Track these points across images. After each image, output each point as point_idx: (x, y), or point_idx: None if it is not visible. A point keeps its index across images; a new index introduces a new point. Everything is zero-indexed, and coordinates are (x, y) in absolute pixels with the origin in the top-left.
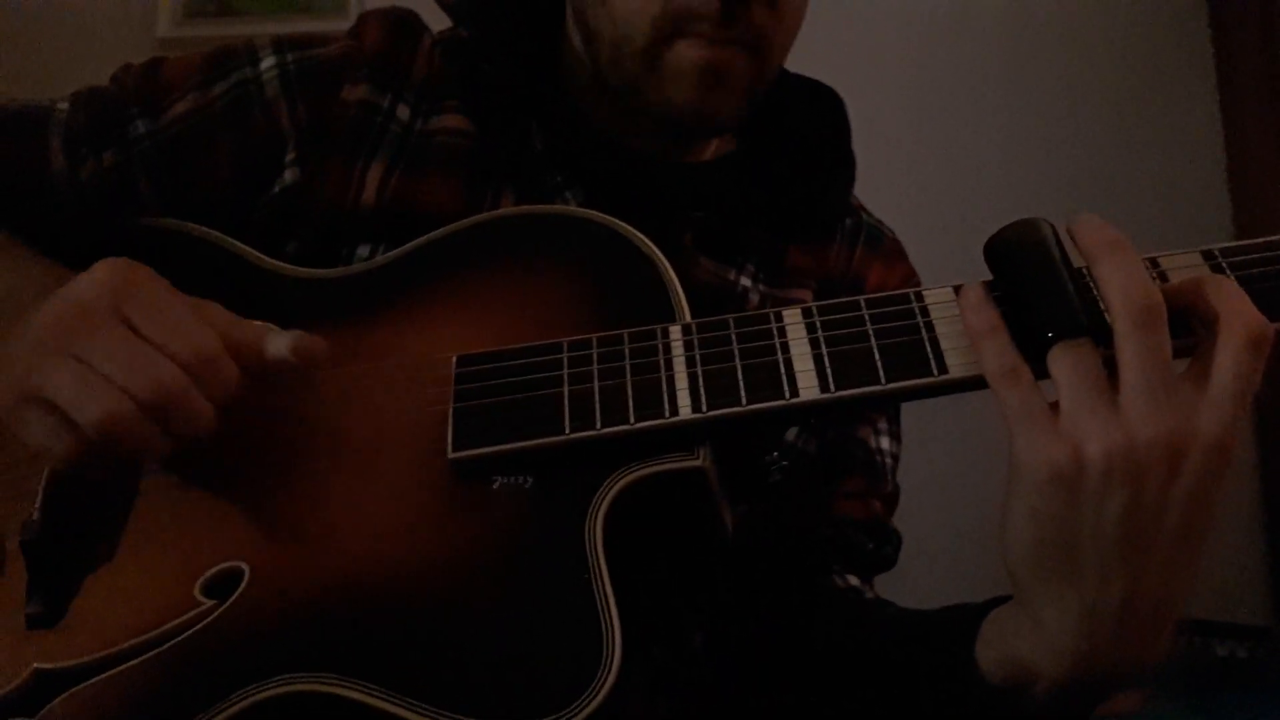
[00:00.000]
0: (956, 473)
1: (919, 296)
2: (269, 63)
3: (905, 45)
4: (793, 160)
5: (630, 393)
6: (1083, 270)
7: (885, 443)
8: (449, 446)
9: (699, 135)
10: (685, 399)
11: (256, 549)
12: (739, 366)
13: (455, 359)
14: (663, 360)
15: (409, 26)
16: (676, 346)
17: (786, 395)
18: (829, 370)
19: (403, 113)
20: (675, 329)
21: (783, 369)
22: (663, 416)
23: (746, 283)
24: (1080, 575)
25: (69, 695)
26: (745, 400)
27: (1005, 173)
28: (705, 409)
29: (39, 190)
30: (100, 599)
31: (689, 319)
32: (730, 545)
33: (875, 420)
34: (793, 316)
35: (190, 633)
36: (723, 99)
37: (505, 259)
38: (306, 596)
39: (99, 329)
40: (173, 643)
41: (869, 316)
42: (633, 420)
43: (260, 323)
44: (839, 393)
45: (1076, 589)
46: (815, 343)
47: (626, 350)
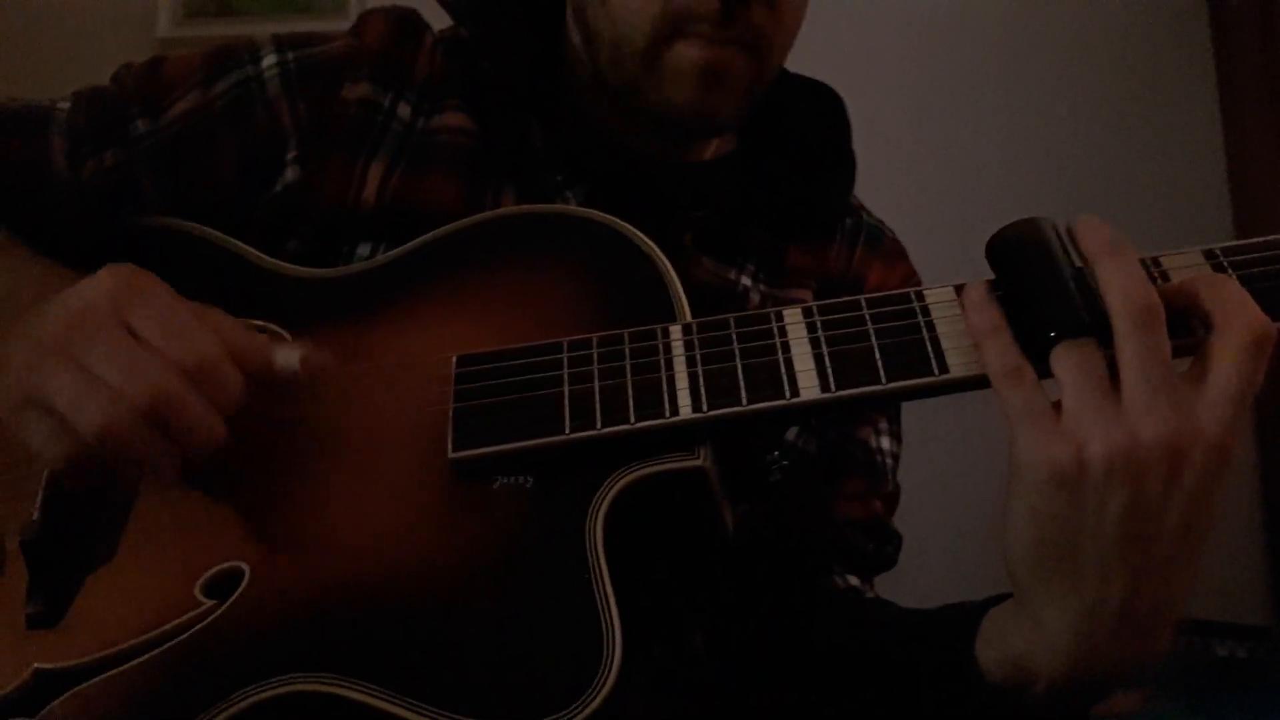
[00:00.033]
0: (957, 473)
1: (919, 296)
2: (270, 61)
3: (905, 45)
4: (793, 160)
5: (630, 392)
6: (1084, 270)
7: (886, 443)
8: (449, 446)
9: (698, 135)
10: (686, 399)
11: (256, 549)
12: (739, 366)
13: (455, 359)
14: (663, 360)
15: (411, 25)
16: (677, 346)
17: (787, 395)
18: (829, 370)
19: (404, 111)
20: (675, 328)
21: (783, 369)
22: (663, 416)
23: (747, 282)
24: (1080, 575)
25: (70, 695)
26: (746, 400)
27: (1005, 173)
28: (706, 409)
29: (40, 190)
30: (101, 599)
31: (689, 318)
32: (731, 545)
33: (876, 420)
34: (793, 316)
35: (191, 633)
36: (722, 99)
37: (505, 258)
38: (307, 596)
39: (100, 333)
40: (173, 642)
41: (869, 316)
42: (633, 420)
43: (263, 335)
44: (839, 392)
45: (1076, 588)
46: (816, 342)
47: (627, 350)
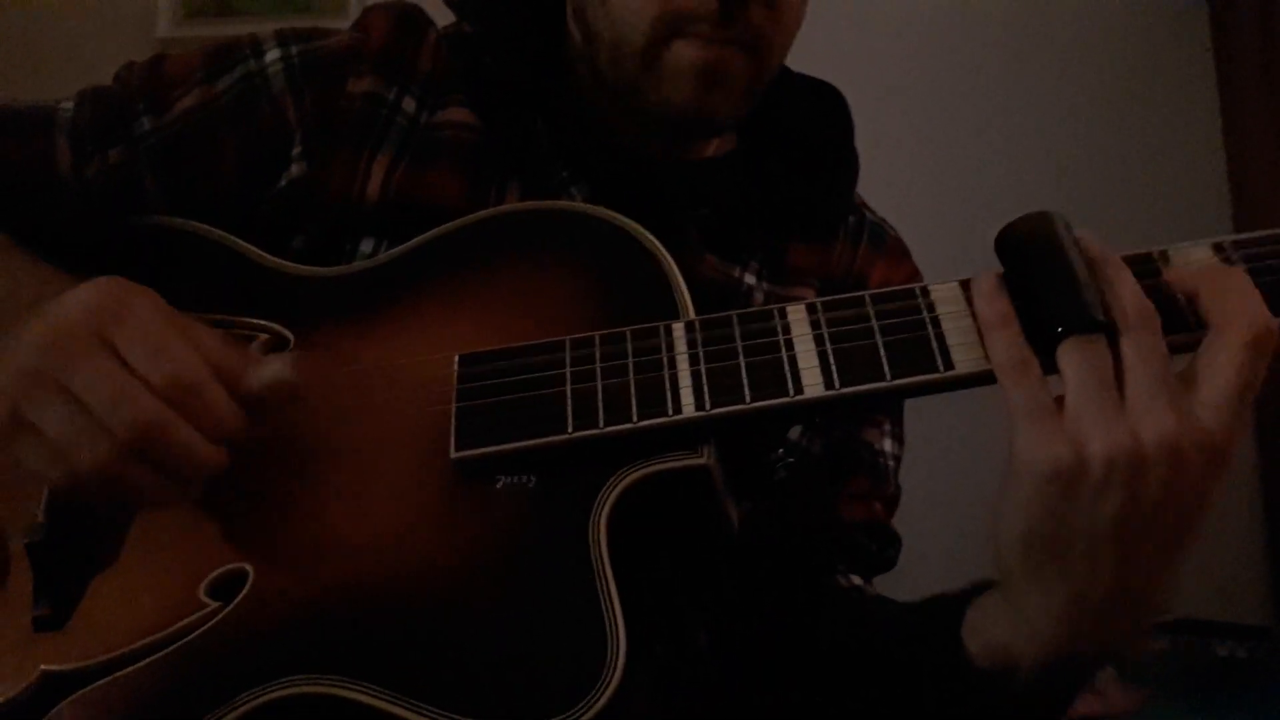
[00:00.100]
0: (957, 473)
1: (925, 292)
2: (273, 55)
3: (905, 45)
4: (794, 159)
5: (633, 391)
6: (1094, 268)
7: (889, 445)
8: (452, 446)
9: (698, 135)
10: (689, 397)
11: (260, 550)
12: (743, 364)
13: (457, 358)
14: (666, 358)
15: (414, 20)
16: (680, 344)
17: (791, 392)
18: (833, 367)
19: (409, 105)
20: (678, 326)
21: (787, 366)
22: (666, 415)
23: (750, 281)
24: (1068, 569)
25: (76, 698)
26: (749, 398)
27: (1005, 172)
28: (709, 407)
29: (45, 190)
30: (106, 601)
31: (693, 316)
32: (735, 543)
33: (881, 422)
34: (797, 313)
35: (195, 634)
36: (721, 99)
37: (508, 256)
38: (310, 598)
39: (84, 356)
40: (178, 644)
41: (874, 312)
42: (636, 419)
43: (243, 348)
44: (844, 389)
45: (1063, 581)
46: (820, 339)
47: (629, 348)
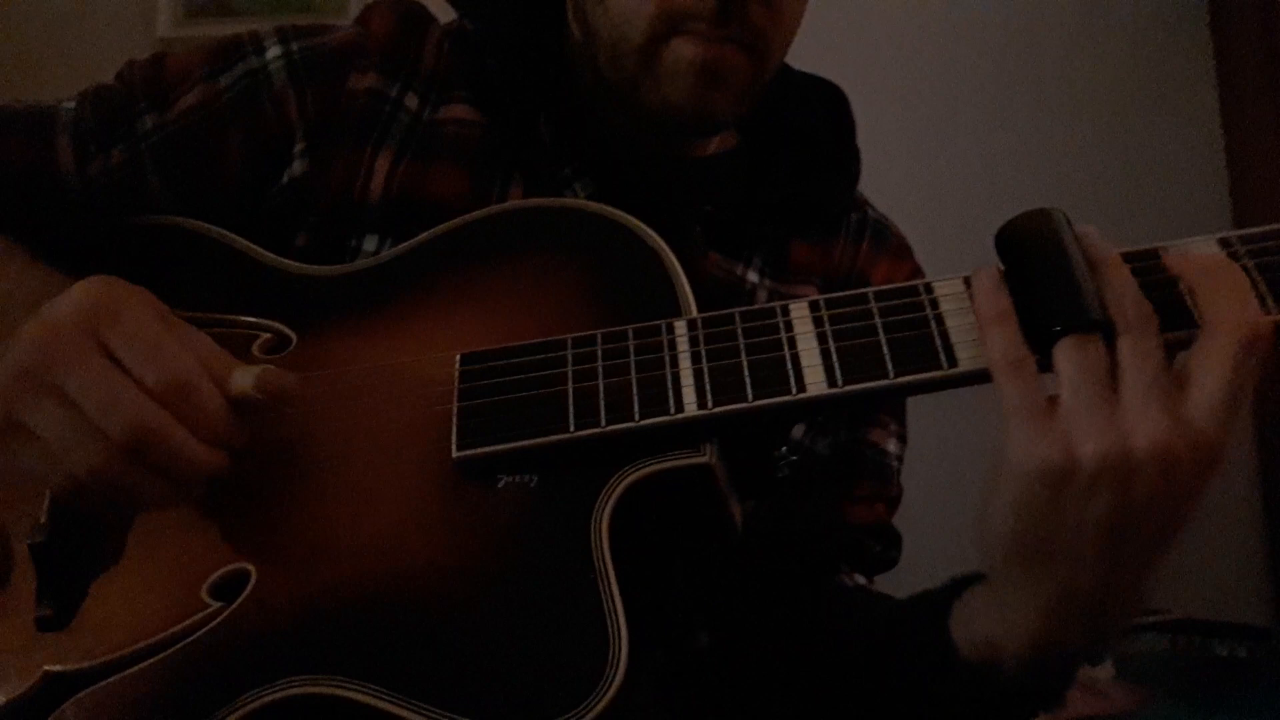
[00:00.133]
0: (959, 470)
1: (929, 288)
2: (275, 52)
3: (905, 45)
4: (797, 156)
5: (635, 390)
6: (1094, 268)
7: (893, 445)
8: (453, 446)
9: (697, 133)
10: (691, 395)
11: (262, 551)
12: (745, 362)
13: (459, 357)
14: (668, 356)
15: (416, 16)
16: (682, 342)
17: (793, 390)
18: (836, 364)
19: (411, 102)
20: (680, 324)
21: (789, 364)
22: (668, 413)
23: (754, 278)
24: (1054, 566)
25: (79, 699)
26: (751, 396)
27: (1005, 172)
28: (711, 405)
29: (48, 190)
30: (109, 602)
31: (695, 313)
32: (739, 542)
33: (887, 422)
34: (799, 310)
35: (198, 635)
36: (720, 97)
37: (511, 253)
38: (311, 598)
39: (77, 358)
40: (181, 645)
41: (877, 309)
42: (638, 418)
43: (229, 356)
44: (846, 387)
45: (1048, 578)
46: (823, 337)
47: (631, 346)
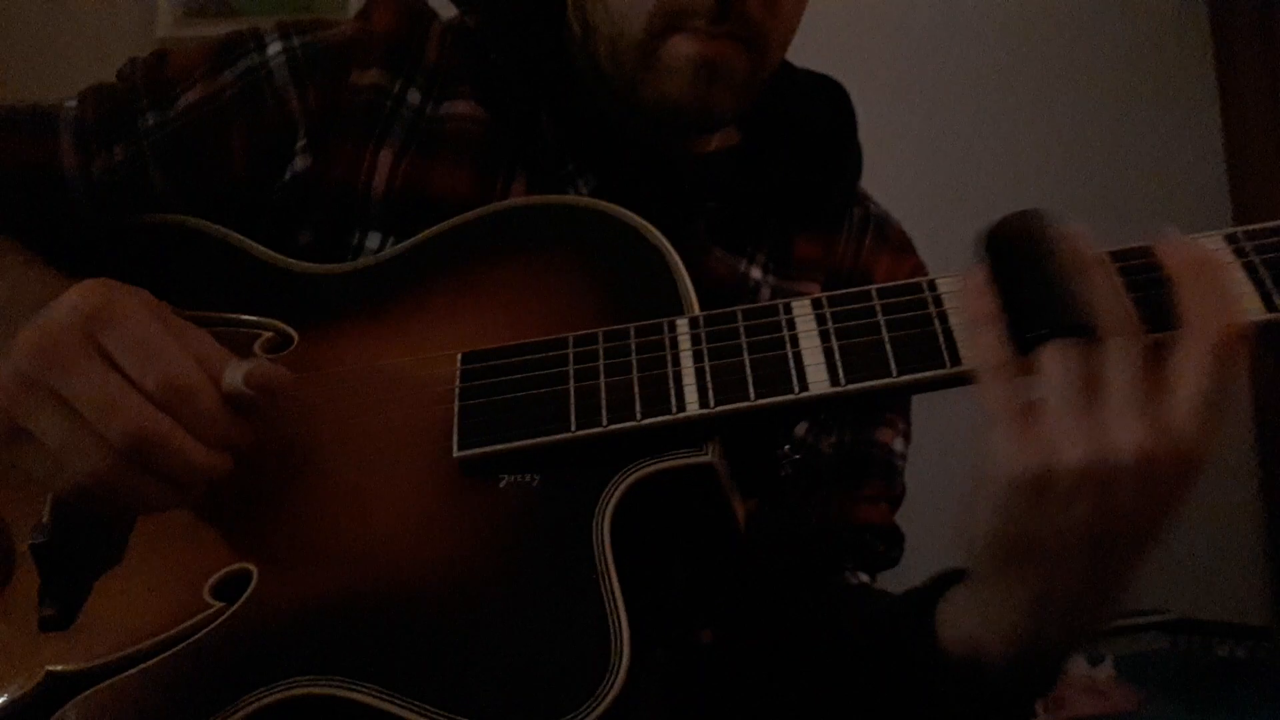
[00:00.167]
0: (961, 469)
1: (932, 285)
2: (276, 48)
3: (905, 45)
4: (798, 152)
5: (637, 389)
6: (1081, 270)
7: (899, 444)
8: (454, 445)
9: (696, 130)
10: (693, 394)
11: (264, 550)
12: (747, 361)
13: (460, 356)
14: (669, 355)
15: (419, 11)
16: (684, 341)
17: (796, 389)
18: (839, 363)
19: (414, 97)
20: (682, 322)
21: (791, 362)
22: (670, 413)
23: (757, 275)
24: (1035, 568)
25: (81, 699)
26: (753, 395)
27: (1005, 172)
28: (713, 404)
29: (51, 190)
30: (111, 601)
31: (697, 311)
32: (742, 541)
33: (895, 421)
34: (802, 308)
35: (200, 635)
36: (719, 94)
37: (512, 251)
38: (313, 598)
39: (76, 363)
40: (183, 645)
41: (880, 307)
42: (639, 417)
43: (227, 353)
44: (849, 386)
45: (1030, 580)
46: (825, 335)
47: (633, 345)
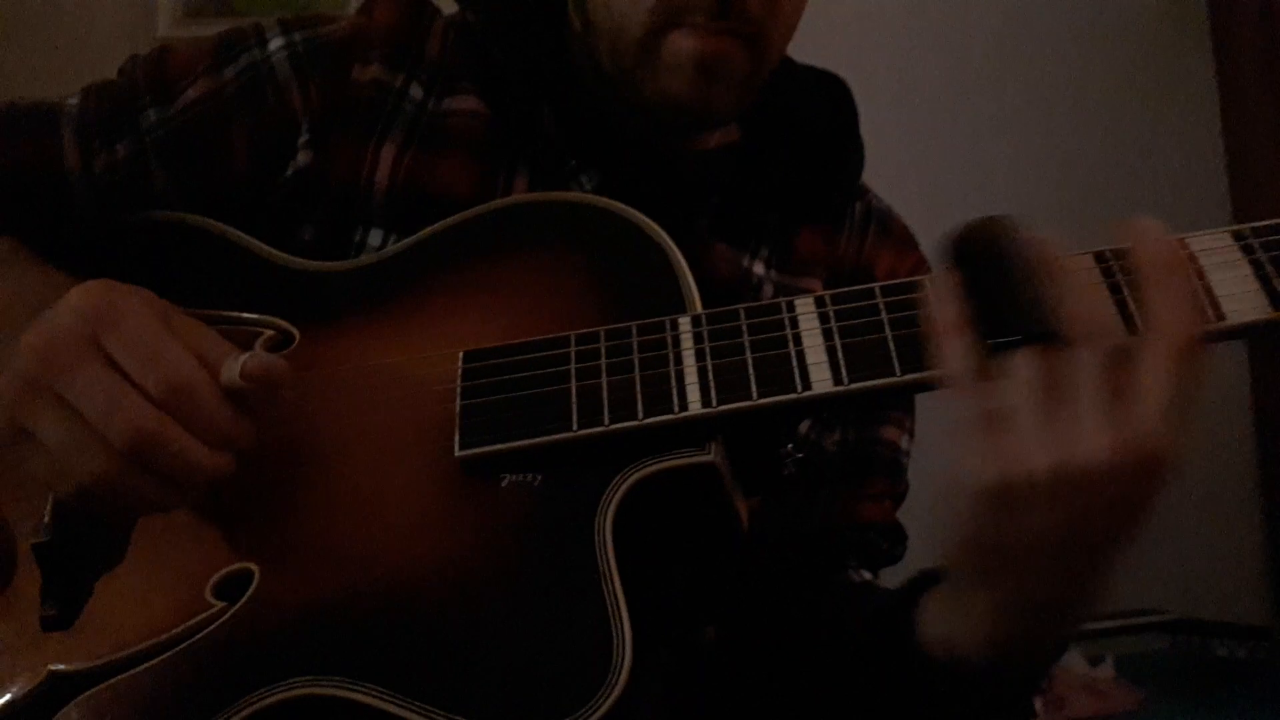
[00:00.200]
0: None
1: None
2: (277, 44)
3: (905, 44)
4: (800, 147)
5: (639, 388)
6: (1050, 276)
7: (905, 442)
8: (456, 445)
9: (697, 126)
10: (695, 394)
11: (265, 550)
12: (749, 359)
13: (462, 355)
14: (671, 354)
15: (420, 6)
16: (686, 339)
17: (799, 389)
18: (842, 362)
19: (416, 92)
20: (684, 320)
21: (794, 361)
22: (672, 412)
23: (760, 271)
24: (1008, 573)
25: (83, 699)
26: (756, 395)
27: (1005, 172)
28: (715, 404)
29: (53, 188)
30: (113, 601)
31: (699, 309)
32: (745, 540)
33: (902, 419)
34: (805, 306)
35: (202, 635)
36: (719, 90)
37: (514, 249)
38: (314, 598)
39: (78, 365)
40: (185, 645)
41: (884, 305)
42: (641, 416)
43: (230, 347)
44: (852, 385)
45: (1003, 584)
46: (828, 333)
47: (635, 343)
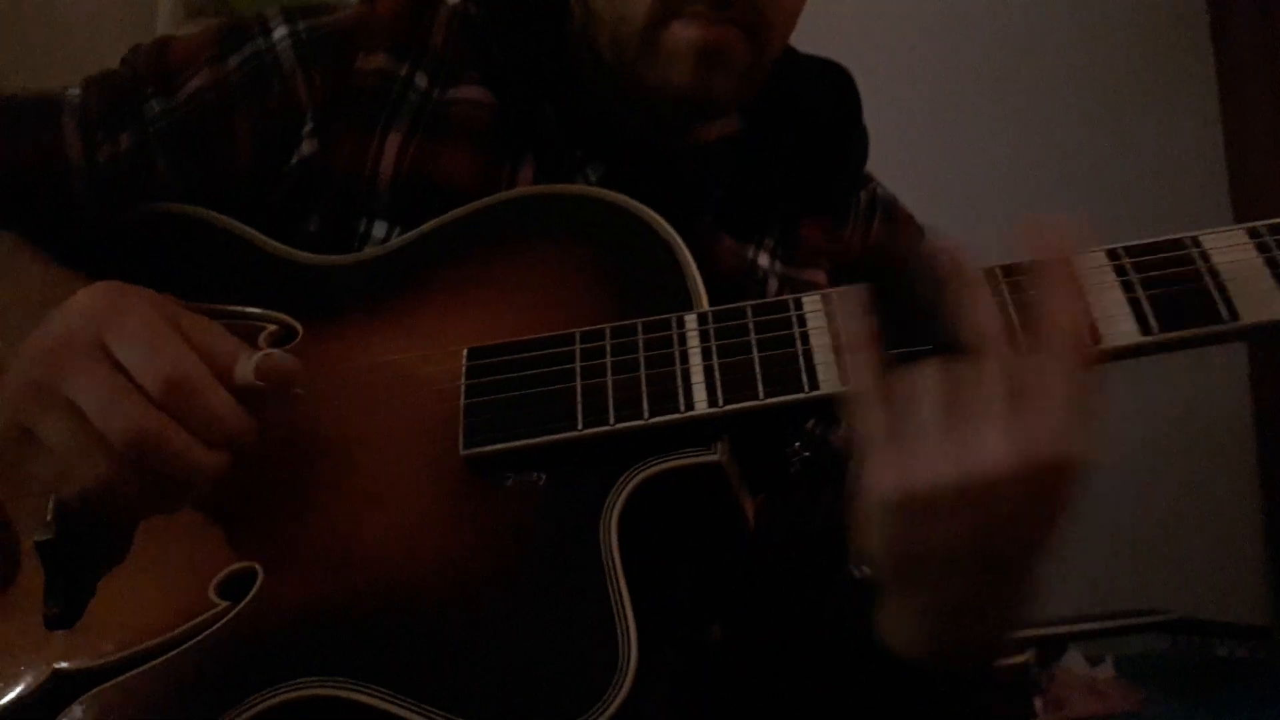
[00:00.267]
0: None
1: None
2: (281, 33)
3: (906, 43)
4: (803, 137)
5: (644, 387)
6: (954, 288)
7: None
8: (461, 443)
9: (698, 116)
10: (701, 393)
11: (269, 549)
12: (756, 359)
13: (466, 352)
14: (678, 352)
15: None
16: (692, 337)
17: (806, 388)
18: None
19: (421, 81)
20: (691, 318)
21: (802, 360)
22: (678, 411)
23: (765, 263)
24: (927, 583)
25: (88, 697)
26: (763, 394)
27: (1005, 172)
28: (721, 403)
29: (57, 180)
30: (117, 599)
31: (706, 305)
32: (751, 538)
33: None
34: (813, 304)
35: (206, 634)
36: (720, 79)
37: (520, 243)
38: (318, 597)
39: (81, 366)
40: (189, 644)
41: None
42: (646, 416)
43: (237, 343)
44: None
45: (925, 594)
46: (837, 332)
47: (640, 341)
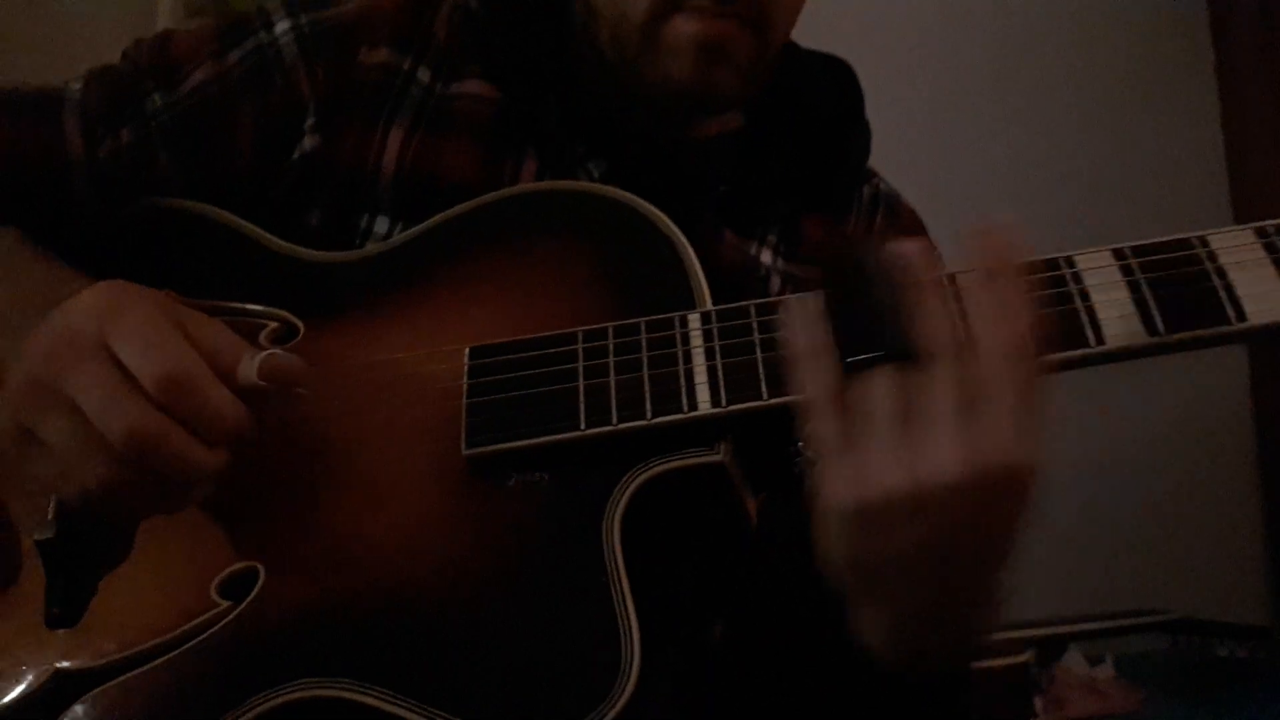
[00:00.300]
0: None
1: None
2: (284, 26)
3: (906, 42)
4: (805, 132)
5: (647, 386)
6: (908, 294)
7: None
8: (463, 443)
9: (699, 111)
10: (704, 393)
11: (270, 549)
12: (760, 358)
13: (468, 351)
14: (681, 352)
15: None
16: (695, 337)
17: None
18: None
19: (424, 75)
20: (694, 317)
21: None
22: (681, 412)
23: (767, 260)
24: (887, 590)
25: (89, 697)
26: (766, 394)
27: (1005, 172)
28: (725, 403)
29: (58, 175)
30: (119, 599)
31: (709, 303)
32: (753, 538)
33: None
34: None
35: (207, 634)
36: (722, 74)
37: (523, 239)
38: (319, 598)
39: (82, 365)
40: (191, 644)
41: None
42: (649, 416)
43: (260, 339)
44: None
45: (881, 601)
46: None
47: (643, 341)
